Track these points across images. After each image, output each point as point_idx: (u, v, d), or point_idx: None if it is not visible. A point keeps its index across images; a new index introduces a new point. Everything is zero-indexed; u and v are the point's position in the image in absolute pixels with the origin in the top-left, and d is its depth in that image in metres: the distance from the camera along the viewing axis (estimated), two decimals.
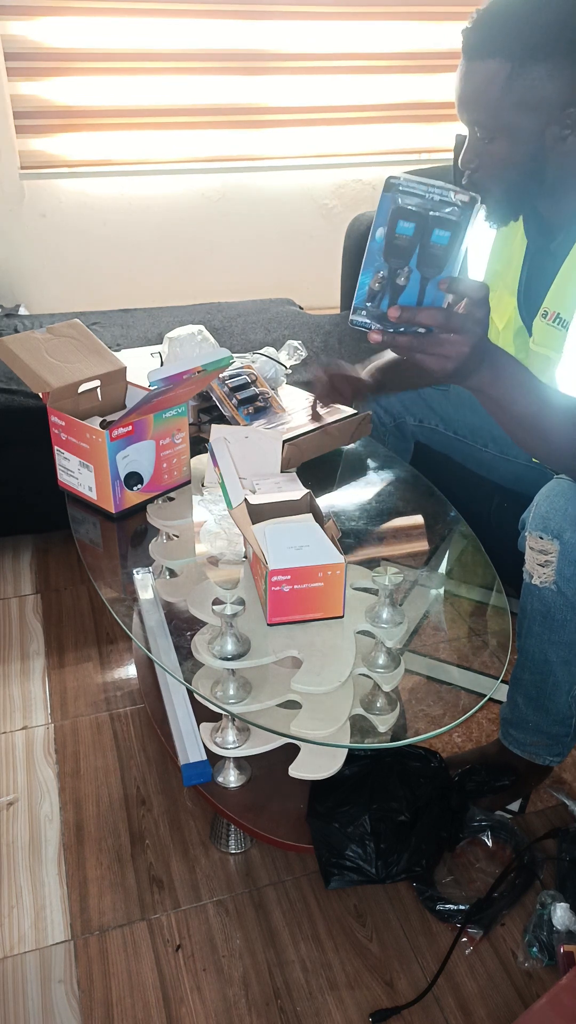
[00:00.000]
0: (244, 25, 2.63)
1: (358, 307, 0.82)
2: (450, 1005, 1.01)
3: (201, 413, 1.49)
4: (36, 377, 1.22)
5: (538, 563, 1.03)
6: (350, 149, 2.97)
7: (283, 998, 1.01)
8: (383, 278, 0.80)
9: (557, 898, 1.08)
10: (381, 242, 0.79)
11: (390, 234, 0.79)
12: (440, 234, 0.78)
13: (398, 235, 0.79)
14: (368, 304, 0.81)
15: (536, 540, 1.03)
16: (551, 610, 1.04)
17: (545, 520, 1.01)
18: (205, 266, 2.95)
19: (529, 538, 1.04)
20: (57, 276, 2.78)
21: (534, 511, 1.04)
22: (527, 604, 1.08)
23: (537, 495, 1.06)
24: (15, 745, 1.36)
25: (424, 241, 0.78)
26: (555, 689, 1.10)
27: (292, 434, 1.36)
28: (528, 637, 1.09)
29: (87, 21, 2.46)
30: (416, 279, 0.80)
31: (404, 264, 0.79)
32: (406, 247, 0.79)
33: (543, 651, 1.08)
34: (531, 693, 1.13)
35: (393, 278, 0.80)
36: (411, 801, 1.09)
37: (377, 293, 0.81)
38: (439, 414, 1.44)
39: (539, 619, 1.06)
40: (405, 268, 0.79)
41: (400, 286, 0.80)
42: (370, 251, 0.80)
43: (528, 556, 1.05)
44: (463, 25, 1.01)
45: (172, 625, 1.16)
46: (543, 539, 1.01)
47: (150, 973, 1.03)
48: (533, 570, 1.04)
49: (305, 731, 0.93)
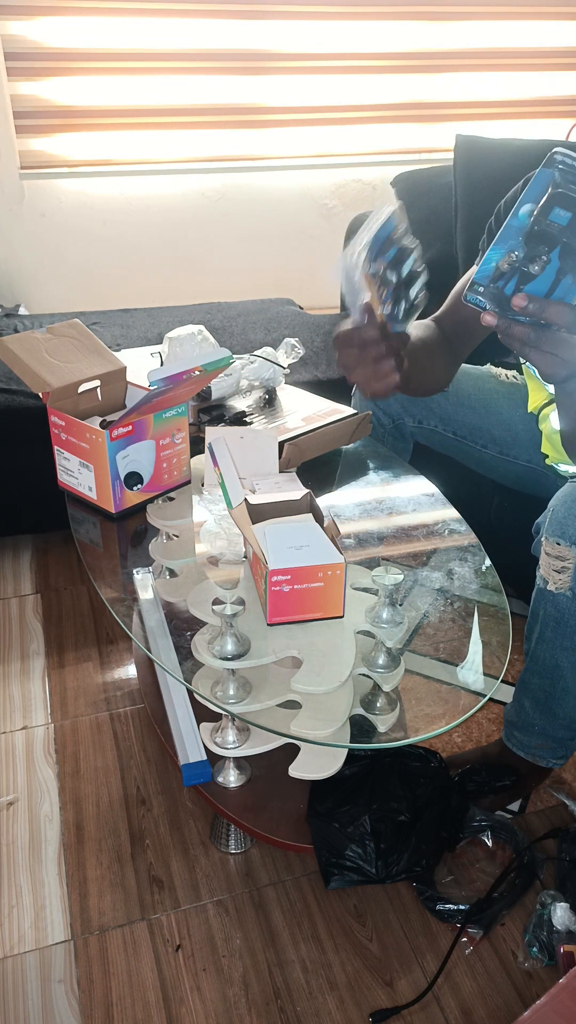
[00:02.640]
0: (244, 25, 2.63)
1: (477, 283, 0.74)
2: (450, 1005, 1.01)
3: (201, 413, 1.49)
4: (36, 377, 1.22)
5: (554, 569, 1.03)
6: (350, 149, 2.97)
7: (283, 998, 1.01)
8: (516, 260, 0.72)
9: (557, 898, 1.08)
10: (525, 222, 0.71)
11: (540, 217, 0.70)
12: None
13: (550, 221, 0.70)
14: (490, 284, 0.74)
15: (552, 546, 1.02)
16: (565, 616, 1.04)
17: (562, 526, 1.01)
18: (205, 266, 2.95)
19: (545, 543, 1.04)
20: (57, 276, 2.78)
21: (550, 517, 1.04)
22: (540, 609, 1.07)
23: (552, 500, 1.06)
24: (15, 745, 1.36)
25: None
26: (564, 694, 1.10)
27: (292, 434, 1.36)
28: (540, 642, 1.09)
29: (87, 21, 2.46)
30: (552, 269, 0.72)
31: (545, 253, 0.71)
32: (555, 235, 0.70)
33: (554, 656, 1.08)
34: (539, 697, 1.13)
35: (527, 263, 0.72)
36: (411, 801, 1.09)
37: (504, 275, 0.73)
38: (438, 415, 1.44)
39: (552, 624, 1.06)
40: (544, 257, 0.71)
41: (532, 274, 0.72)
42: (508, 227, 0.72)
43: (543, 562, 1.05)
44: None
45: (172, 625, 1.16)
46: (560, 545, 1.01)
47: (150, 973, 1.03)
48: (549, 576, 1.04)
49: (305, 731, 0.93)
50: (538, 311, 0.73)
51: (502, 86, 2.99)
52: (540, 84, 3.03)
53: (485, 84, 2.99)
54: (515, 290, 0.73)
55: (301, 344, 1.68)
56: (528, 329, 0.75)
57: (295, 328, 2.08)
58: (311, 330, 2.08)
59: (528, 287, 0.73)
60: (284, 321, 2.13)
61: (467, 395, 1.42)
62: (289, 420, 1.45)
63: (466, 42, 2.85)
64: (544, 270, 0.72)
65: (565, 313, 0.73)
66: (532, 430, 1.37)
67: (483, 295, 0.75)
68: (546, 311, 0.73)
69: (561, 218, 0.70)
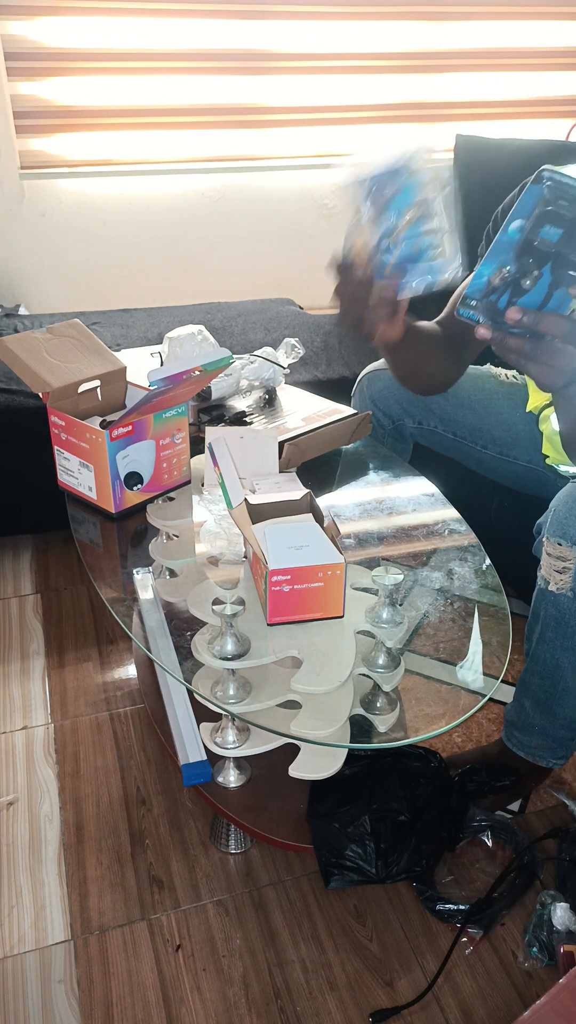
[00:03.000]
0: (244, 25, 2.63)
1: (470, 297, 0.75)
2: (450, 1005, 1.01)
3: (201, 413, 1.49)
4: (36, 377, 1.22)
5: (555, 569, 1.03)
6: (350, 149, 2.97)
7: (283, 998, 1.01)
8: (508, 275, 0.72)
9: (557, 898, 1.08)
10: (516, 237, 0.71)
11: (530, 233, 0.71)
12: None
13: (541, 238, 0.70)
14: (483, 298, 0.74)
15: (554, 546, 1.02)
16: (566, 616, 1.04)
17: (563, 526, 1.01)
18: (205, 266, 2.95)
19: (546, 544, 1.04)
20: (57, 276, 2.78)
21: (551, 517, 1.04)
22: (540, 610, 1.07)
23: (553, 501, 1.06)
24: (15, 745, 1.36)
25: (568, 250, 0.70)
26: (564, 694, 1.10)
27: (292, 434, 1.36)
28: (540, 643, 1.09)
29: (87, 21, 2.46)
30: (545, 283, 0.72)
31: (537, 268, 0.71)
32: (545, 252, 0.71)
33: (555, 657, 1.08)
34: (540, 697, 1.13)
35: (519, 277, 0.72)
36: (411, 801, 1.09)
37: (497, 289, 0.73)
38: (438, 415, 1.44)
39: (553, 625, 1.06)
40: (536, 272, 0.72)
41: (524, 288, 0.73)
42: (499, 243, 0.72)
43: (544, 562, 1.05)
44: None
45: (172, 625, 1.16)
46: (561, 545, 1.01)
47: (150, 973, 1.03)
48: (550, 576, 1.04)
49: (305, 731, 0.93)
50: (533, 323, 0.73)
51: (502, 86, 2.99)
52: (540, 84, 3.03)
53: (485, 84, 2.99)
54: (508, 303, 0.73)
55: (301, 344, 1.68)
56: (523, 341, 0.75)
57: (295, 328, 2.08)
58: (311, 330, 2.08)
59: (521, 300, 0.73)
60: (284, 321, 2.13)
61: (467, 395, 1.42)
62: (289, 420, 1.45)
63: (466, 42, 2.85)
64: (536, 284, 0.73)
65: (560, 324, 0.73)
66: (532, 430, 1.37)
67: (476, 309, 0.75)
68: (541, 323, 0.73)
69: (552, 235, 0.70)
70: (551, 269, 0.72)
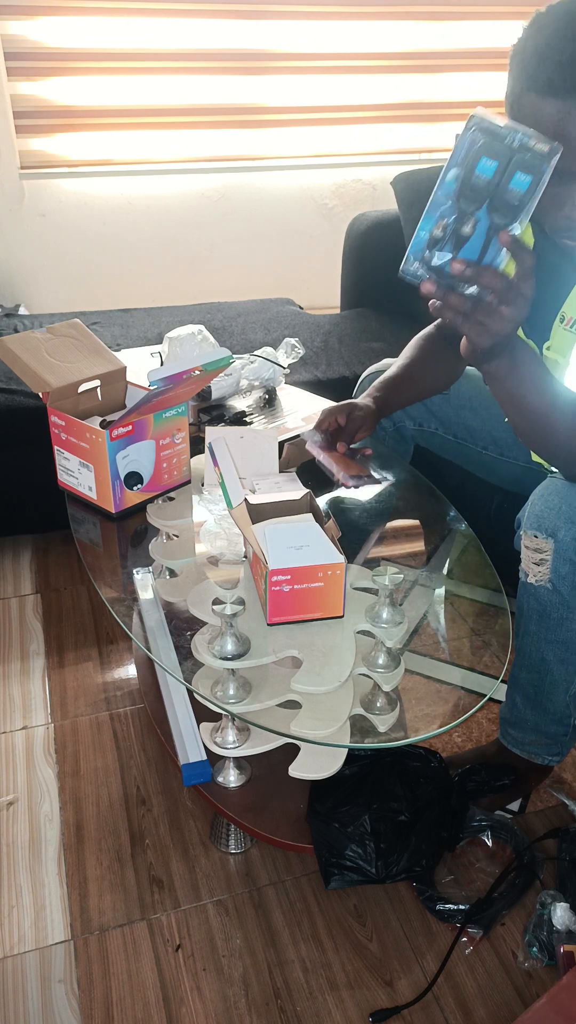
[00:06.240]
0: (244, 25, 2.63)
1: (412, 257, 0.77)
2: (450, 1005, 1.01)
3: (201, 413, 1.49)
4: (36, 377, 1.22)
5: (533, 561, 1.03)
6: (350, 149, 2.97)
7: (283, 998, 1.01)
8: (448, 224, 0.75)
9: (557, 898, 1.08)
10: (453, 185, 0.74)
11: (467, 173, 0.73)
12: (521, 178, 0.72)
13: (477, 174, 0.73)
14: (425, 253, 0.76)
15: (531, 539, 1.03)
16: (547, 608, 1.04)
17: (540, 519, 1.01)
18: (205, 266, 2.95)
19: (524, 536, 1.04)
20: (57, 276, 2.78)
21: (529, 510, 1.04)
22: (523, 603, 1.08)
23: (532, 494, 1.06)
24: (15, 745, 1.36)
25: (503, 183, 0.73)
26: (553, 688, 1.10)
27: (292, 434, 1.36)
28: (525, 636, 1.09)
29: (87, 21, 2.46)
30: (482, 230, 0.75)
31: (476, 208, 0.74)
32: (483, 188, 0.73)
33: (540, 650, 1.08)
34: (529, 692, 1.13)
35: (459, 225, 0.75)
36: (411, 801, 1.09)
37: (438, 241, 0.76)
38: (438, 417, 1.44)
39: (535, 618, 1.06)
40: (473, 216, 0.74)
41: (464, 236, 0.75)
42: (436, 197, 0.75)
43: (524, 555, 1.05)
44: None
45: (172, 625, 1.16)
46: (538, 537, 1.02)
47: (150, 973, 1.03)
48: (528, 568, 1.05)
49: (305, 731, 0.93)
50: (474, 276, 0.76)
51: (502, 86, 2.98)
52: None
53: (485, 84, 2.99)
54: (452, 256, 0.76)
55: (301, 344, 1.68)
56: (462, 298, 0.78)
57: (295, 328, 2.08)
58: (311, 330, 2.08)
59: (462, 252, 0.76)
60: (284, 321, 2.13)
61: (467, 397, 1.42)
62: (289, 420, 1.45)
63: (466, 42, 2.85)
64: (475, 230, 0.75)
65: (498, 280, 0.76)
66: None
67: (419, 267, 0.78)
68: (481, 276, 0.76)
69: (488, 169, 0.73)
70: (488, 210, 0.74)
